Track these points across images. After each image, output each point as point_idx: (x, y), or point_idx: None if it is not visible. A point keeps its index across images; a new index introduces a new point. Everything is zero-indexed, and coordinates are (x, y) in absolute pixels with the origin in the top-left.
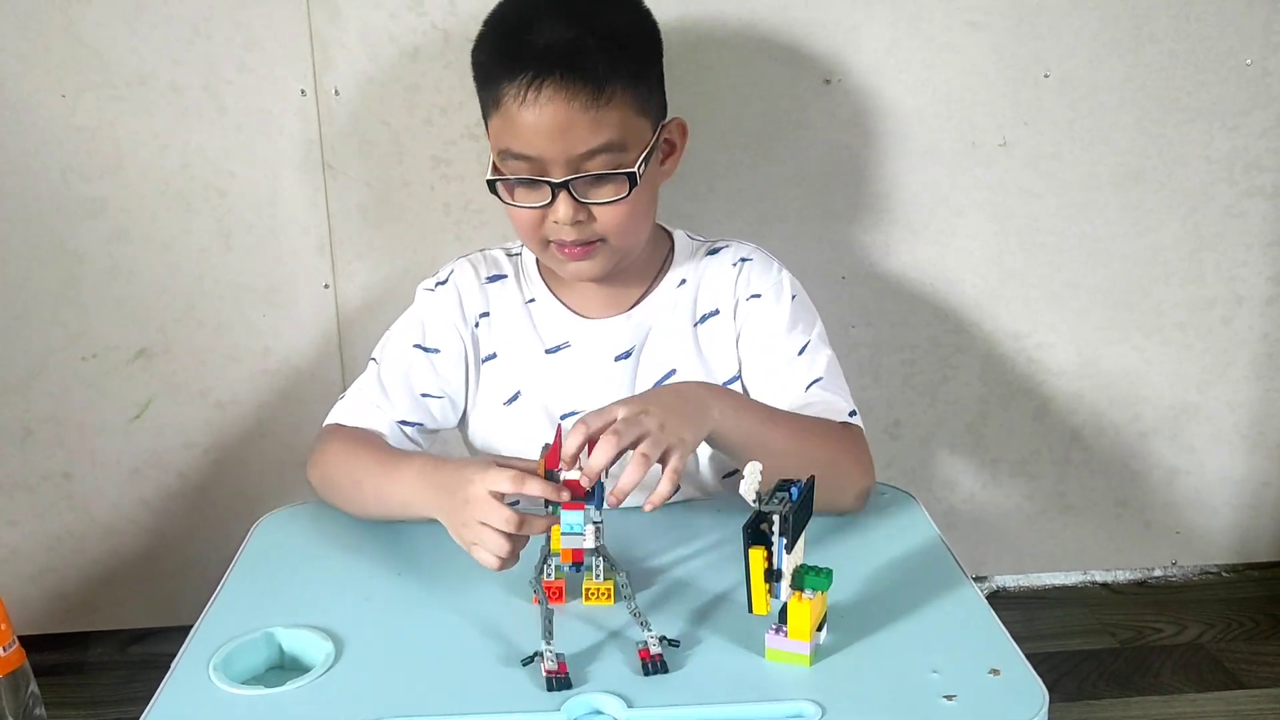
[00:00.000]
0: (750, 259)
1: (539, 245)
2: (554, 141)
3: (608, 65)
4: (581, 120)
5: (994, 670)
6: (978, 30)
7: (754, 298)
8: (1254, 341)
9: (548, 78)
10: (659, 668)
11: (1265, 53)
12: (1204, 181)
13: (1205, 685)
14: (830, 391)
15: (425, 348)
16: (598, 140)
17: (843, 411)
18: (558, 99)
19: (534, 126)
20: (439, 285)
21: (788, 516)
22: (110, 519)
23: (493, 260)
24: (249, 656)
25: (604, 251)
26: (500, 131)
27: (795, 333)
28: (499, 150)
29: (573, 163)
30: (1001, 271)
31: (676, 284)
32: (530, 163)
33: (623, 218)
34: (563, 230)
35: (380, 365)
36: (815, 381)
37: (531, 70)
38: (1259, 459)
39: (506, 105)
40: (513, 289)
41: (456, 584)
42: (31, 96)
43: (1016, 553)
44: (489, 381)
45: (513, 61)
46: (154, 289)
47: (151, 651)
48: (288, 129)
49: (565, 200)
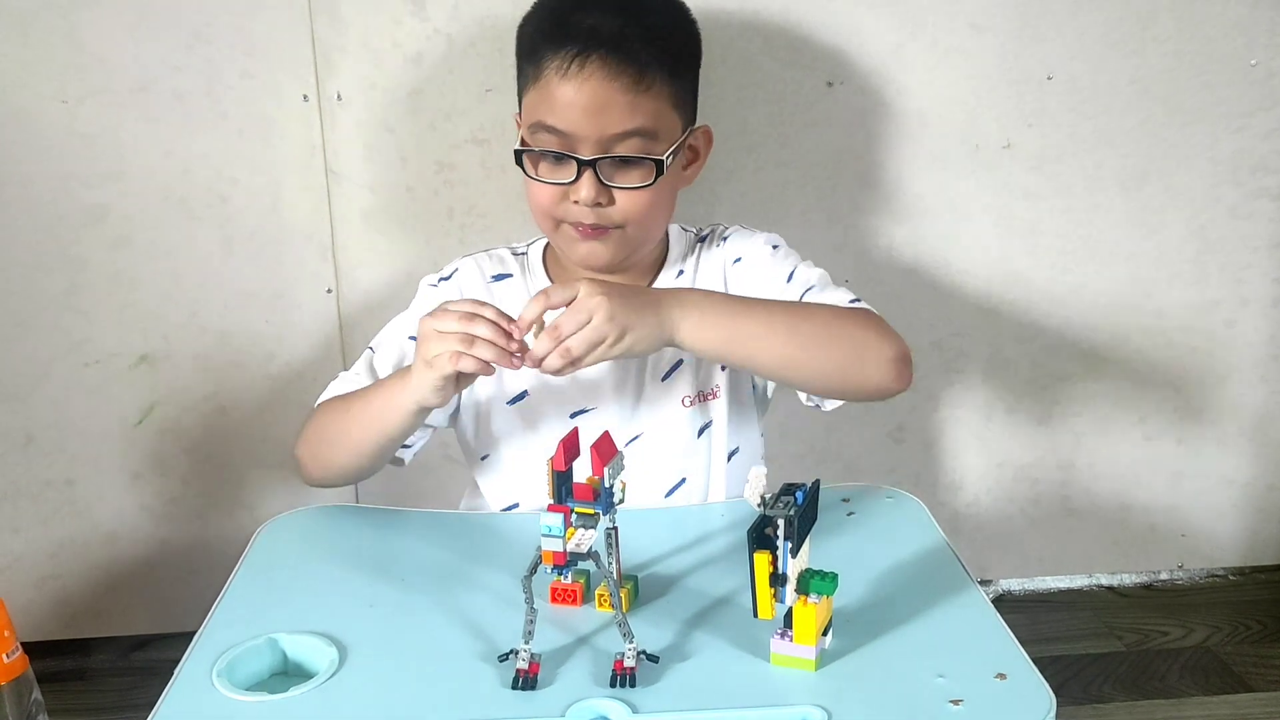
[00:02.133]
0: (729, 235)
1: (552, 224)
2: (589, 118)
3: (651, 54)
4: (619, 101)
5: (1000, 675)
6: (981, 32)
7: (737, 261)
8: (1259, 344)
9: (593, 54)
10: (627, 682)
11: (1270, 54)
12: (1209, 183)
13: (1212, 689)
14: (826, 294)
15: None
16: (632, 124)
17: (843, 301)
18: (598, 75)
19: (572, 101)
20: (442, 281)
21: (792, 520)
22: (113, 525)
23: (498, 259)
24: (252, 663)
25: (617, 238)
26: (536, 104)
27: (781, 265)
28: (531, 123)
29: (603, 143)
30: (1006, 274)
31: (675, 275)
32: (561, 138)
33: (642, 206)
34: (581, 211)
35: (375, 353)
36: (808, 290)
37: (578, 45)
38: (1265, 462)
39: (548, 77)
40: (519, 287)
41: (461, 590)
42: (33, 103)
43: (1022, 556)
44: (493, 381)
45: (560, 35)
46: (156, 295)
47: (155, 658)
48: (290, 135)
49: (589, 179)
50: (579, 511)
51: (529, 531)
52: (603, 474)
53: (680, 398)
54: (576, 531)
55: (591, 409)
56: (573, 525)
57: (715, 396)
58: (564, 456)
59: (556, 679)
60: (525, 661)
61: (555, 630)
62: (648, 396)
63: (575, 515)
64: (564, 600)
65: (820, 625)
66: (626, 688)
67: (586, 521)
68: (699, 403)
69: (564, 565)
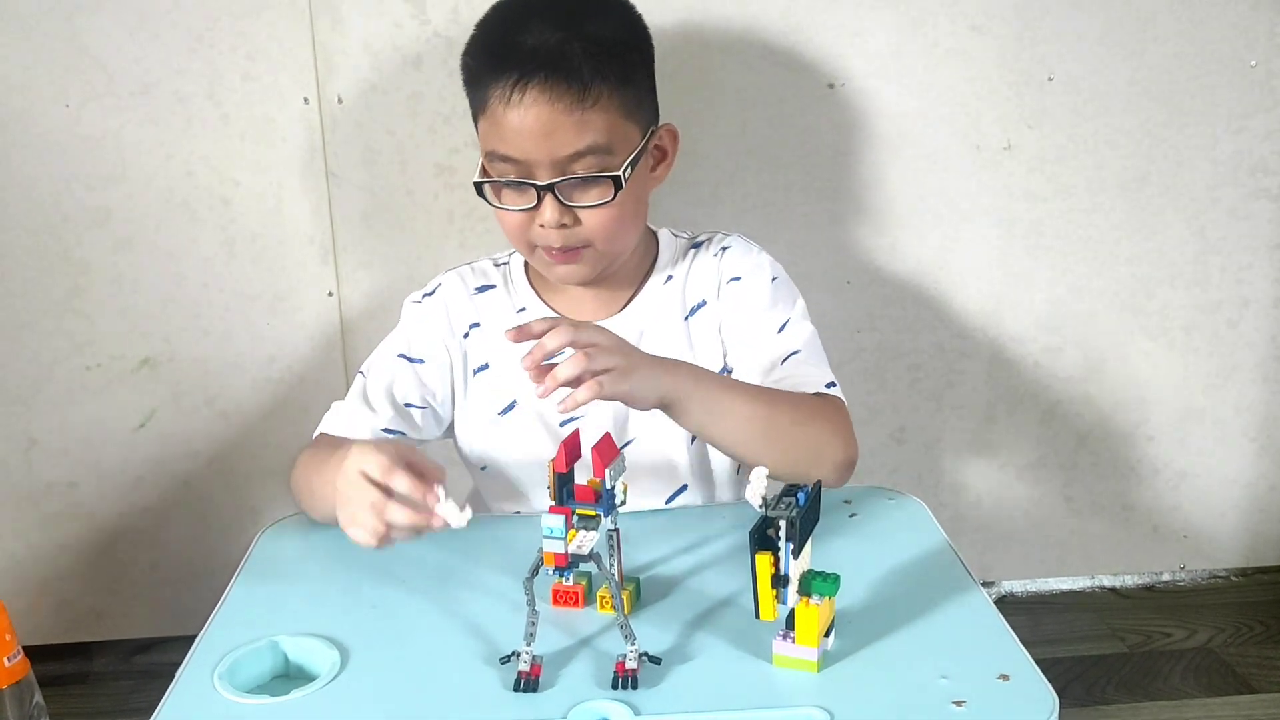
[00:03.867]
0: (730, 246)
1: (526, 248)
2: (538, 143)
3: (593, 68)
4: (566, 122)
5: (1003, 676)
6: (981, 34)
7: (734, 280)
8: (1261, 344)
9: (532, 79)
10: (629, 684)
11: (1270, 55)
12: (1209, 184)
13: (1215, 690)
14: (808, 364)
15: (410, 357)
16: (582, 143)
17: (819, 382)
18: (541, 100)
19: (519, 128)
20: (426, 298)
21: (794, 522)
22: (115, 528)
23: (480, 271)
24: (254, 665)
25: (590, 256)
26: (487, 133)
27: (775, 310)
28: (486, 152)
29: (558, 165)
30: (1006, 275)
31: (663, 282)
32: (517, 165)
33: (609, 222)
34: (549, 234)
35: (366, 377)
36: (792, 354)
37: (516, 72)
38: (1267, 462)
39: (493, 107)
40: (502, 298)
41: (462, 592)
42: (36, 106)
43: (1024, 558)
44: (481, 392)
45: (499, 63)
46: (158, 298)
47: (156, 661)
48: (291, 137)
49: (551, 203)
50: (580, 513)
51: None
52: (604, 476)
53: None
54: (578, 533)
55: (582, 416)
56: (574, 527)
57: None
58: (565, 458)
59: (558, 681)
60: (527, 663)
61: (557, 632)
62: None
63: (577, 517)
64: (566, 602)
65: (822, 626)
66: (628, 689)
67: (588, 523)
68: None
69: (566, 567)
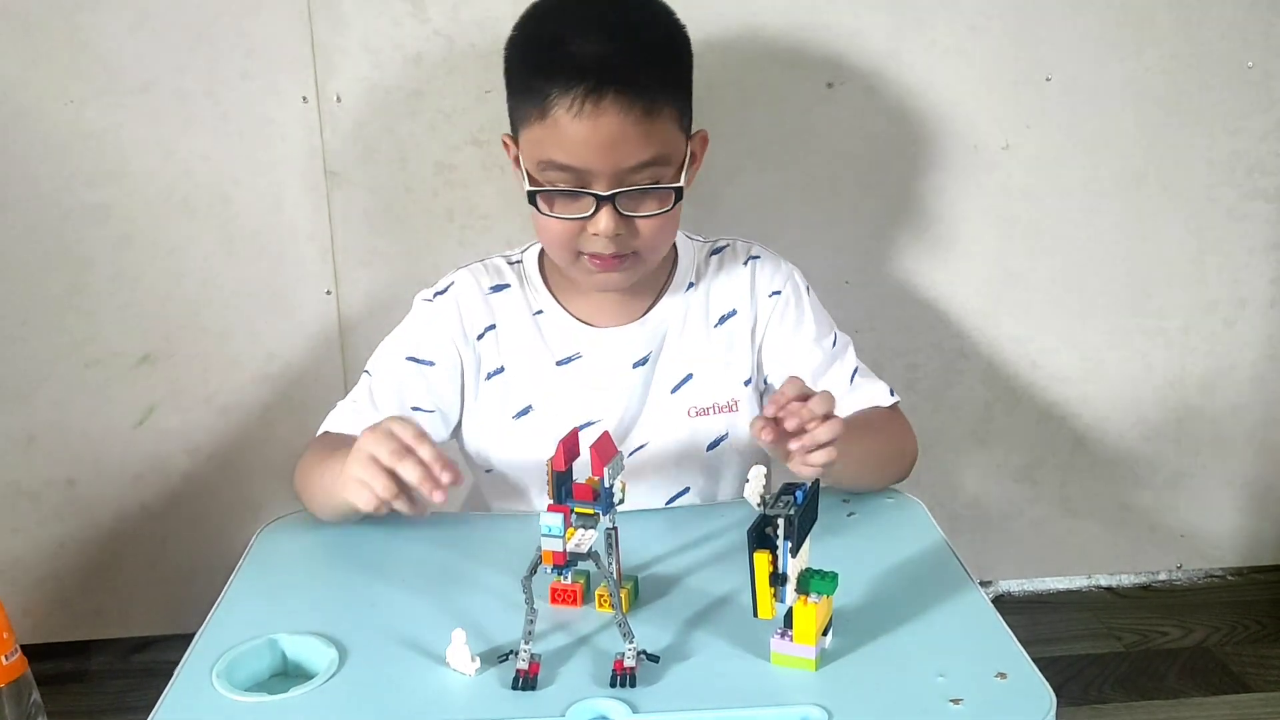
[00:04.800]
0: (759, 256)
1: (570, 257)
2: (604, 155)
3: (657, 79)
4: (633, 134)
5: (1001, 674)
6: (980, 34)
7: (774, 294)
8: (1257, 344)
9: (604, 90)
10: (627, 682)
11: (1267, 56)
12: (1206, 184)
13: (1212, 689)
14: (868, 378)
15: (419, 360)
16: (647, 154)
17: (886, 393)
18: (611, 111)
19: (585, 139)
20: (438, 296)
21: (793, 520)
22: (113, 525)
23: (494, 269)
24: (252, 663)
25: (633, 264)
26: (543, 142)
27: (824, 328)
28: (539, 160)
29: (619, 176)
30: (1005, 275)
31: (685, 287)
32: (574, 174)
33: (659, 231)
34: (600, 243)
35: (372, 377)
36: (855, 371)
37: (587, 82)
38: (1263, 462)
39: (556, 116)
40: (518, 299)
41: (461, 591)
42: (36, 103)
43: (1021, 557)
44: (496, 395)
45: (565, 70)
46: (158, 295)
47: (155, 659)
48: (290, 136)
49: (609, 213)
50: (579, 512)
51: (529, 532)
52: (603, 474)
53: (687, 408)
54: (576, 532)
55: (598, 421)
56: (572, 525)
57: (734, 409)
58: (564, 457)
59: (556, 679)
60: (525, 662)
61: (555, 630)
62: (653, 407)
63: (575, 515)
64: (564, 601)
65: (820, 625)
66: (626, 688)
67: (586, 522)
68: (708, 414)
69: (564, 565)
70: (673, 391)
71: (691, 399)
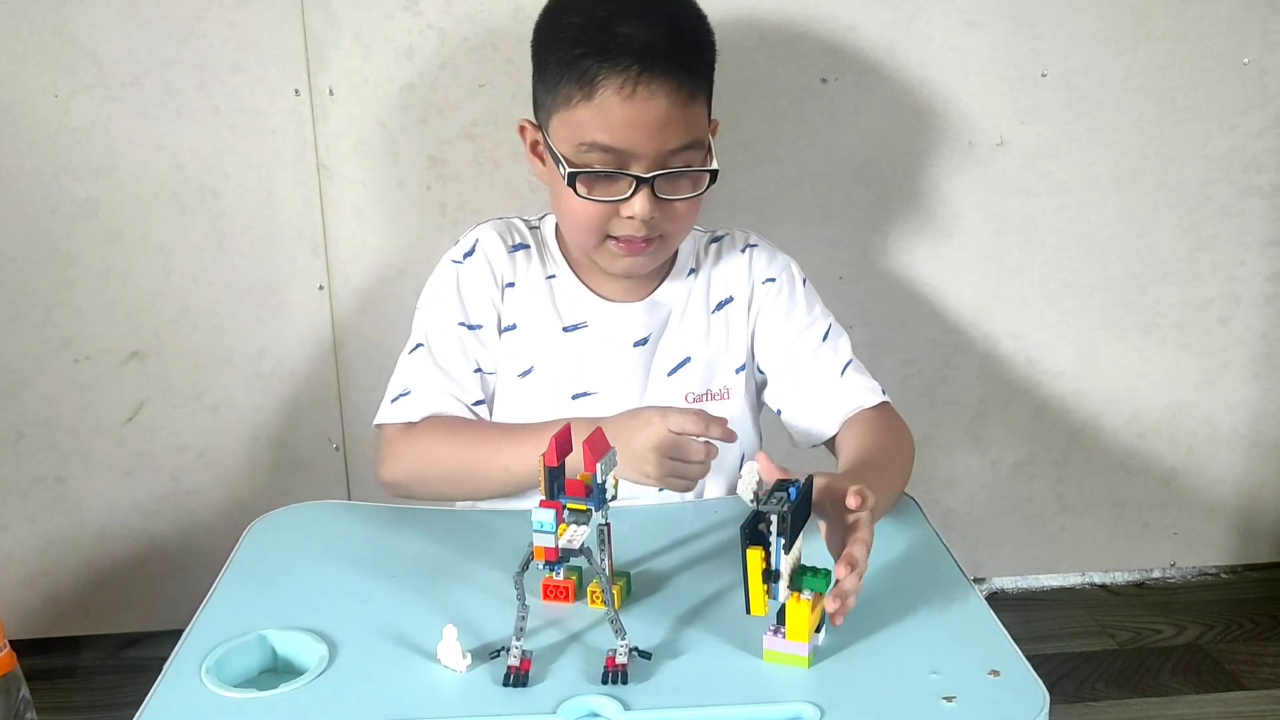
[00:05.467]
0: (756, 244)
1: (596, 241)
2: (650, 136)
3: (698, 62)
4: (678, 116)
5: (994, 671)
6: (975, 29)
7: (768, 281)
8: (1252, 341)
9: (655, 72)
10: (619, 678)
11: (1263, 52)
12: (1202, 181)
13: (1205, 687)
14: (860, 373)
15: (470, 325)
16: (688, 137)
17: (876, 390)
18: (660, 94)
19: (633, 120)
20: (467, 257)
21: (786, 516)
22: (103, 522)
23: (516, 229)
24: (242, 659)
25: (657, 247)
26: (587, 123)
27: (816, 317)
28: (580, 142)
29: (659, 158)
30: (999, 271)
31: (687, 272)
32: (615, 155)
33: (687, 214)
34: (632, 225)
35: (432, 350)
36: (847, 364)
37: (639, 64)
38: (1257, 459)
39: (604, 97)
40: (535, 262)
41: (452, 587)
42: (24, 97)
43: (1015, 554)
44: (507, 351)
45: (615, 53)
46: (147, 291)
47: (144, 655)
48: (282, 129)
49: (646, 195)
50: (571, 507)
51: (521, 528)
52: (595, 470)
53: (684, 393)
54: (569, 527)
55: (594, 393)
56: (565, 521)
57: (725, 398)
58: (556, 452)
59: (548, 676)
60: (517, 658)
61: (547, 627)
62: (651, 389)
63: (567, 511)
64: (556, 597)
65: (813, 622)
66: (618, 684)
67: (579, 517)
68: (703, 401)
69: (556, 561)
70: (669, 374)
71: (688, 384)
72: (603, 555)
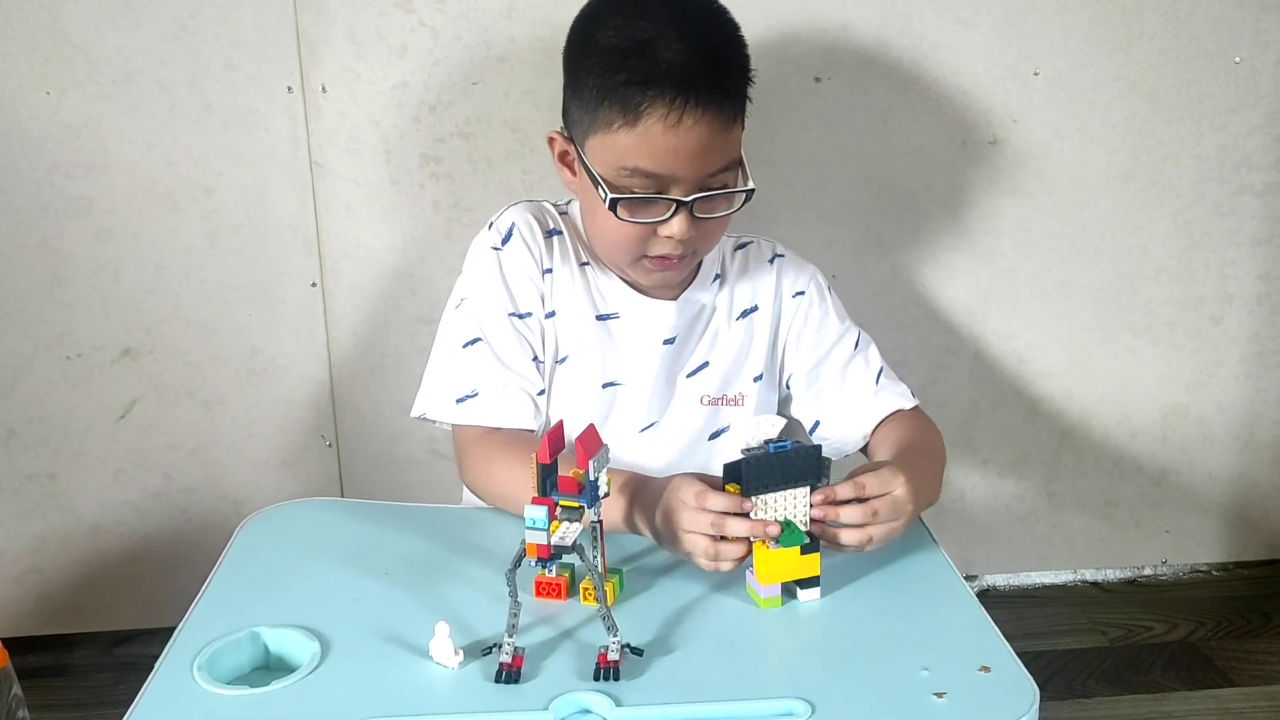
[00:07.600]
0: (783, 255)
1: (632, 259)
2: (692, 162)
3: (735, 86)
4: (719, 141)
5: (985, 668)
6: (968, 28)
7: (798, 295)
8: (1244, 340)
9: (698, 100)
10: (611, 675)
11: (1254, 51)
12: (1194, 180)
13: (1196, 683)
14: (892, 379)
15: (520, 314)
16: (726, 160)
17: (908, 395)
18: (703, 121)
19: (675, 147)
20: (506, 243)
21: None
22: (95, 520)
23: (549, 214)
24: (234, 656)
25: (688, 262)
26: (630, 149)
27: (847, 327)
28: (620, 166)
29: (699, 181)
30: (991, 271)
31: (712, 278)
32: (656, 180)
33: (719, 231)
34: (668, 244)
35: (491, 344)
36: (880, 373)
37: (684, 94)
38: (1248, 458)
39: (649, 126)
40: (569, 248)
41: (444, 583)
42: (16, 94)
43: (1007, 552)
44: (550, 338)
45: (659, 82)
46: (140, 288)
47: (137, 653)
48: (275, 127)
49: (685, 217)
50: (563, 504)
51: (513, 525)
52: (588, 467)
53: (700, 396)
54: (561, 525)
55: (621, 384)
56: (557, 518)
57: (739, 404)
58: (549, 449)
59: (540, 672)
60: (509, 655)
61: (539, 624)
62: (671, 388)
63: (560, 508)
64: (548, 594)
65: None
66: (610, 681)
67: (571, 515)
68: (718, 405)
69: (548, 558)
70: (689, 376)
71: (705, 387)
72: (595, 552)
